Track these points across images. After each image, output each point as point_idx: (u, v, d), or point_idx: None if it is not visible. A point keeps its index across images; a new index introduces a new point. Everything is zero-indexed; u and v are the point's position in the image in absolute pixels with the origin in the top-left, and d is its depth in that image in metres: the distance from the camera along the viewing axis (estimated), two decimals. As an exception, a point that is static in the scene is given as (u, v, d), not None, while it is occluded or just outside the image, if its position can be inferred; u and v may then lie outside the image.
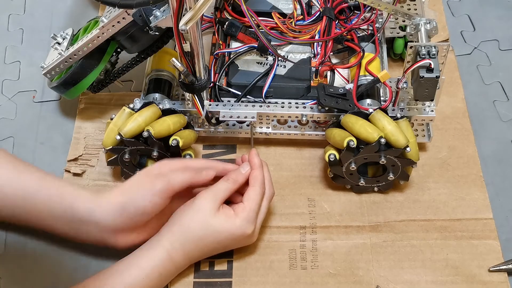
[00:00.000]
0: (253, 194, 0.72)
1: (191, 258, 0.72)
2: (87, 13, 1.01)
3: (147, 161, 0.81)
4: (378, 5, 0.78)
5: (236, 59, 0.83)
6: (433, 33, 0.80)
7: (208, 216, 0.70)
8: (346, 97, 0.76)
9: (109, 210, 0.70)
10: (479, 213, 0.79)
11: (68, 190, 0.72)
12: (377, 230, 0.78)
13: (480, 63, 0.94)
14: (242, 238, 0.72)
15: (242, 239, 0.72)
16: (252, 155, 0.74)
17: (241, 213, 0.71)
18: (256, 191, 0.72)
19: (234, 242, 0.72)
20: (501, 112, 0.89)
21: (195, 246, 0.71)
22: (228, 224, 0.70)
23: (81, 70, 0.80)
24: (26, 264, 0.77)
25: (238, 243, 0.73)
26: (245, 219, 0.71)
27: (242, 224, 0.70)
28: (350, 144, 0.72)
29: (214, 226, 0.70)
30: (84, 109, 0.90)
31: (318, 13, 0.85)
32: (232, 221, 0.70)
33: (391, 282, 0.74)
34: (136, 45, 0.78)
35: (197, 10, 0.63)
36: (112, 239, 0.72)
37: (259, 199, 0.72)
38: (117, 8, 0.71)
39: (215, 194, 0.71)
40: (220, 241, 0.71)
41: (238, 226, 0.70)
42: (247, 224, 0.71)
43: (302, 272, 0.75)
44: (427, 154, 0.84)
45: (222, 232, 0.70)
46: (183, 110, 0.78)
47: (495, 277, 0.74)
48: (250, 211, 0.71)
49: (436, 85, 0.73)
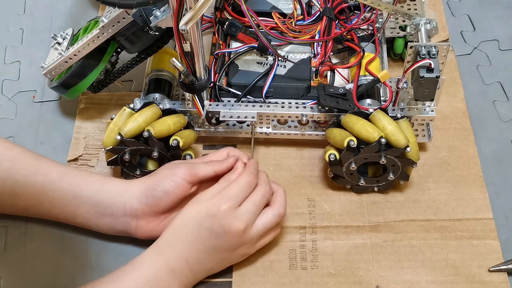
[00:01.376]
0: (239, 178, 0.71)
1: (188, 261, 0.69)
2: (87, 13, 1.01)
3: (147, 161, 0.81)
4: (378, 5, 0.78)
5: (236, 59, 0.83)
6: (433, 33, 0.80)
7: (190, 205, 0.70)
8: (346, 97, 0.76)
9: (136, 191, 0.72)
10: (479, 213, 0.79)
11: (95, 177, 0.76)
12: (377, 230, 0.78)
13: (480, 63, 0.94)
14: (222, 216, 0.68)
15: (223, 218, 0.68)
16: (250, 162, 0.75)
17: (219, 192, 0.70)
18: (243, 177, 0.72)
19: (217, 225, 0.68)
20: (501, 112, 0.89)
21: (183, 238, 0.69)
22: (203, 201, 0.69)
23: (81, 70, 0.80)
24: (26, 264, 0.77)
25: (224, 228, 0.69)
26: (220, 195, 0.69)
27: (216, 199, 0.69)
28: (350, 144, 0.72)
29: (192, 208, 0.70)
30: (84, 109, 0.90)
31: (318, 13, 0.85)
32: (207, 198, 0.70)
33: (391, 282, 0.74)
34: (136, 45, 0.78)
35: (197, 10, 0.63)
36: (134, 224, 0.73)
37: (244, 184, 0.71)
38: (117, 8, 0.71)
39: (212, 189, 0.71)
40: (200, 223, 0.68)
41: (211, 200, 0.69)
42: (221, 199, 0.69)
43: (302, 272, 0.75)
44: (427, 154, 0.84)
45: (199, 212, 0.69)
46: (183, 110, 0.78)
47: (495, 277, 0.74)
48: (228, 190, 0.70)
49: (436, 85, 0.73)
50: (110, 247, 0.77)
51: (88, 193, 0.73)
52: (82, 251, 0.77)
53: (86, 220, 0.75)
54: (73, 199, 0.74)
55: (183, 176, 0.72)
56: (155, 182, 0.72)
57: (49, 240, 0.78)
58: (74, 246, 0.78)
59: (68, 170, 0.76)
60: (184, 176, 0.72)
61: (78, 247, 0.78)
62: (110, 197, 0.73)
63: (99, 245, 0.78)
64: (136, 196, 0.72)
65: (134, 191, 0.73)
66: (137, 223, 0.73)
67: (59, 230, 0.78)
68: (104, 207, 0.73)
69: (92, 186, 0.74)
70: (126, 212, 0.73)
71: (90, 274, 0.76)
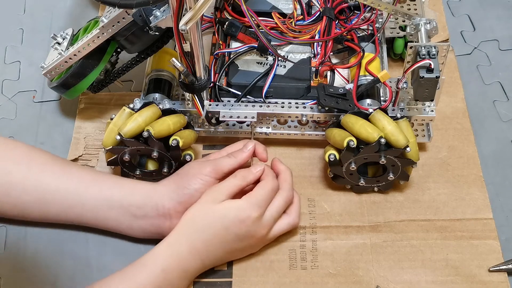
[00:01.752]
0: (264, 183, 0.72)
1: (200, 253, 0.70)
2: (87, 13, 1.01)
3: (147, 161, 0.81)
4: (378, 5, 0.78)
5: (236, 59, 0.83)
6: (433, 33, 0.80)
7: (211, 204, 0.71)
8: (346, 97, 0.76)
9: (166, 191, 0.74)
10: (479, 213, 0.79)
11: (125, 180, 0.77)
12: (377, 230, 0.78)
13: (480, 63, 0.94)
14: (251, 223, 0.70)
15: (252, 225, 0.70)
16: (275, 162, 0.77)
17: (246, 196, 0.71)
18: (268, 182, 0.72)
19: (244, 231, 0.70)
20: (501, 112, 0.89)
21: (200, 236, 0.70)
22: (232, 205, 0.70)
23: (81, 70, 0.80)
24: (26, 264, 0.77)
25: (249, 234, 0.71)
26: (249, 201, 0.70)
27: (246, 205, 0.70)
28: (350, 144, 0.72)
29: (219, 211, 0.70)
30: (84, 109, 0.90)
31: (318, 13, 0.85)
32: (236, 202, 0.71)
33: (391, 282, 0.74)
34: (136, 45, 0.78)
35: (197, 10, 0.63)
36: (167, 224, 0.73)
37: (269, 189, 0.72)
38: (117, 8, 0.71)
39: (220, 187, 0.72)
40: (227, 226, 0.70)
41: (241, 206, 0.70)
42: (251, 205, 0.70)
43: (302, 272, 0.75)
44: (427, 154, 0.84)
45: (226, 216, 0.70)
46: (183, 110, 0.78)
47: (495, 277, 0.74)
48: (257, 195, 0.71)
49: (436, 85, 0.73)
50: (110, 247, 0.77)
51: (120, 195, 0.74)
52: (82, 251, 0.77)
53: (119, 223, 0.75)
54: (105, 201, 0.74)
55: (210, 174, 0.73)
56: (184, 181, 0.73)
57: (49, 240, 0.78)
58: (74, 246, 0.78)
59: (98, 174, 0.77)
60: (212, 175, 0.73)
61: (78, 247, 0.78)
62: (141, 198, 0.74)
63: (99, 245, 0.78)
64: (167, 195, 0.73)
65: (164, 191, 0.74)
66: (170, 222, 0.73)
67: (59, 230, 0.78)
68: (136, 208, 0.74)
69: (124, 188, 0.75)
70: (159, 212, 0.73)
71: (90, 274, 0.76)
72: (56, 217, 0.76)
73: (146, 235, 0.75)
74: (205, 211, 0.71)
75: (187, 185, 0.73)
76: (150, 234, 0.75)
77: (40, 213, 0.76)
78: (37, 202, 0.75)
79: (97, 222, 0.75)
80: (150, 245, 0.76)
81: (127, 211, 0.74)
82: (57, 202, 0.75)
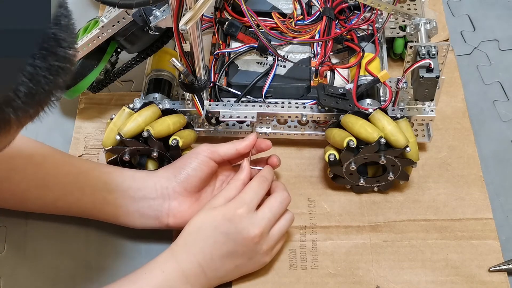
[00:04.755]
0: (251, 182, 0.72)
1: (203, 265, 0.69)
2: (87, 13, 1.01)
3: (147, 161, 0.81)
4: (378, 5, 0.78)
5: (236, 59, 0.83)
6: (433, 33, 0.80)
7: (207, 210, 0.70)
8: (346, 97, 0.76)
9: (164, 173, 0.75)
10: (479, 213, 0.79)
11: (125, 169, 0.77)
12: (377, 230, 0.78)
13: (480, 63, 0.94)
14: (238, 220, 0.69)
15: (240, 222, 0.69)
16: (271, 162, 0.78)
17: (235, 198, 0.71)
18: (255, 181, 0.72)
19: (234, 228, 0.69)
20: (501, 112, 0.89)
21: (194, 239, 0.69)
22: (221, 207, 0.70)
23: (81, 70, 0.80)
24: (26, 264, 0.77)
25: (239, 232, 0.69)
26: (235, 200, 0.70)
27: (232, 204, 0.70)
28: (350, 144, 0.72)
29: (210, 214, 0.70)
30: (84, 109, 0.90)
31: (318, 13, 0.85)
32: (225, 205, 0.70)
33: (391, 282, 0.74)
34: (136, 45, 0.78)
35: (197, 10, 0.63)
36: (166, 207, 0.73)
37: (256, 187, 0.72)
38: (117, 8, 0.71)
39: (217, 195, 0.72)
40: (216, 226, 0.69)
41: (228, 206, 0.70)
42: (237, 203, 0.70)
43: (302, 272, 0.75)
44: (427, 154, 0.84)
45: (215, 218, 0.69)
46: (183, 110, 0.78)
47: (495, 277, 0.74)
48: (243, 194, 0.71)
49: (436, 85, 0.73)
50: (110, 247, 0.77)
51: (120, 179, 0.75)
52: (82, 251, 0.77)
53: (116, 206, 0.74)
54: (104, 185, 0.74)
55: (205, 154, 0.74)
56: (181, 163, 0.75)
57: (49, 240, 0.78)
58: (74, 246, 0.78)
59: (99, 163, 0.80)
60: (207, 153, 0.74)
61: (78, 247, 0.78)
62: (141, 181, 0.74)
63: (99, 245, 0.78)
64: (165, 175, 0.74)
65: (163, 173, 0.75)
66: (169, 204, 0.73)
67: (59, 230, 0.78)
68: (135, 189, 0.74)
69: (124, 174, 0.75)
70: (157, 192, 0.73)
71: (90, 274, 0.76)
72: (54, 203, 0.76)
73: (142, 222, 0.74)
74: (201, 216, 0.70)
75: (184, 166, 0.74)
76: (147, 220, 0.74)
77: (38, 198, 0.75)
78: (36, 187, 0.75)
79: (95, 206, 0.75)
80: (150, 245, 0.76)
81: (125, 193, 0.74)
82: (56, 187, 0.75)
